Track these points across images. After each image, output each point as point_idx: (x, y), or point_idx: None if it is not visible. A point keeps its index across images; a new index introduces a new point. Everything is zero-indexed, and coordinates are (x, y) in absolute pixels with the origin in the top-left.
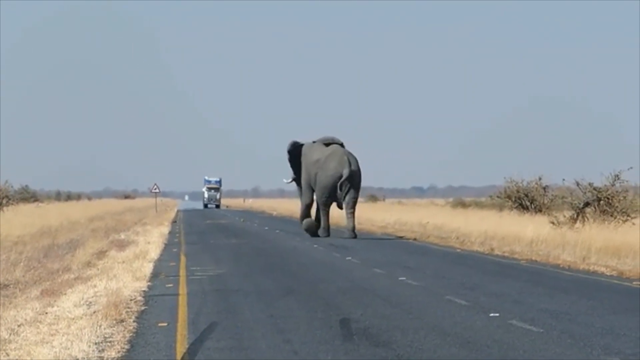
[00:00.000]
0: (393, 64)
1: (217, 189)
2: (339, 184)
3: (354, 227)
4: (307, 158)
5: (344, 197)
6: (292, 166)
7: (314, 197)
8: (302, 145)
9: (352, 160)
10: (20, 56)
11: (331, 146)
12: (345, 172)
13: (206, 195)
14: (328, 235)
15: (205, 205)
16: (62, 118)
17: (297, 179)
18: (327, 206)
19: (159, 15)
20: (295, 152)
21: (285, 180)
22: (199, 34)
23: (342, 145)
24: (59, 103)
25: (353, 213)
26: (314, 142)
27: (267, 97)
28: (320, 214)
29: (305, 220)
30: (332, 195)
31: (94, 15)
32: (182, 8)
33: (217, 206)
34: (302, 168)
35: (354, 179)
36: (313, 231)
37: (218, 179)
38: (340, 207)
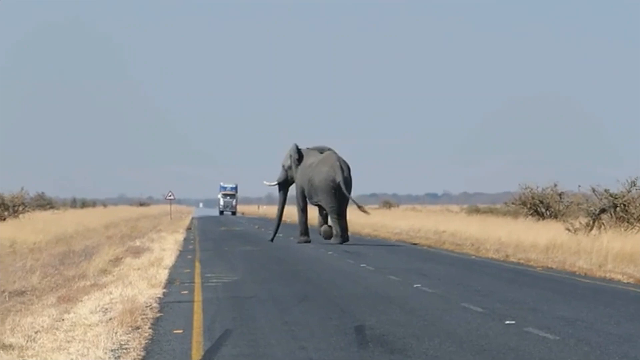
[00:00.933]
0: (408, 69)
1: (232, 196)
2: (332, 189)
3: (345, 229)
4: (303, 163)
5: (336, 202)
6: (289, 170)
7: (313, 202)
8: (299, 150)
9: (344, 166)
10: (31, 60)
11: (325, 152)
12: (339, 178)
13: (222, 202)
14: (343, 241)
15: (221, 212)
16: (78, 125)
17: (281, 183)
18: (333, 212)
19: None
20: (297, 156)
21: (266, 183)
22: (205, 38)
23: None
24: (74, 110)
25: (345, 218)
26: (308, 149)
27: (277, 104)
28: (329, 219)
29: (322, 229)
30: (331, 199)
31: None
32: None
33: (233, 213)
34: (298, 173)
35: (346, 185)
36: (328, 235)
37: (234, 185)
38: (341, 209)
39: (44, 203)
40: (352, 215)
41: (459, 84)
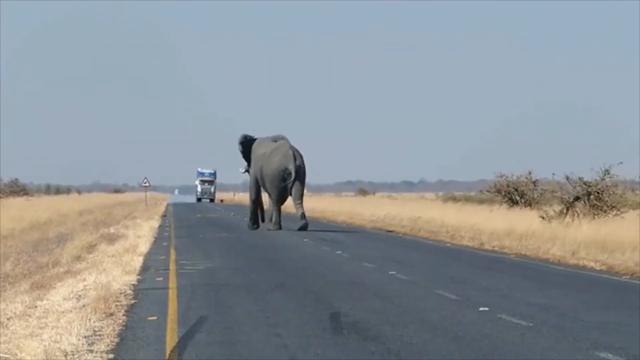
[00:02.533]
0: (382, 56)
1: (211, 182)
2: (284, 177)
3: (303, 214)
4: (255, 152)
5: (291, 190)
6: (245, 159)
7: (263, 192)
8: (254, 139)
9: (297, 155)
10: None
11: (278, 141)
12: (291, 167)
13: (199, 188)
14: (280, 228)
15: (199, 199)
16: (51, 111)
17: (249, 170)
18: (279, 202)
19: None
20: (246, 145)
21: (240, 170)
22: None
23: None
24: (47, 96)
25: (301, 203)
26: (262, 138)
27: (256, 90)
28: (272, 208)
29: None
30: (279, 188)
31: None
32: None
33: (212, 200)
34: (252, 163)
35: (299, 174)
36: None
37: (212, 171)
38: (284, 199)
39: (17, 189)
40: (326, 202)
41: (446, 78)
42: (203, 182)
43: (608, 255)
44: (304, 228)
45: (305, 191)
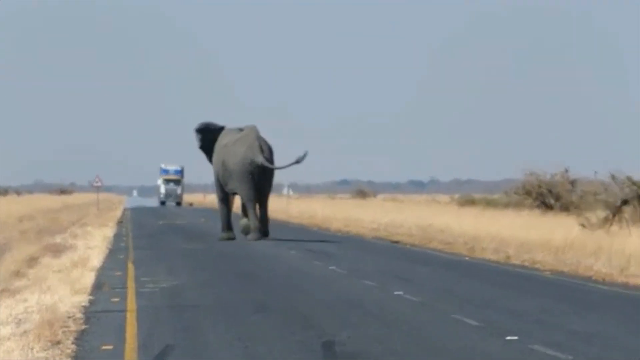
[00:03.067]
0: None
1: (177, 182)
2: (250, 171)
3: (266, 222)
4: (218, 143)
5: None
6: (204, 151)
7: (229, 189)
8: (220, 129)
9: (264, 146)
10: None
11: (244, 130)
12: (258, 159)
13: (163, 189)
14: (260, 235)
15: (162, 202)
16: None
17: None
18: (251, 201)
19: None
20: (207, 134)
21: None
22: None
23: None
24: None
25: (266, 207)
26: (228, 128)
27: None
28: (248, 211)
29: (241, 222)
30: (247, 184)
31: None
32: None
33: (178, 203)
34: (213, 156)
35: (265, 169)
36: (247, 230)
37: (179, 168)
38: (258, 197)
39: None
40: (317, 205)
41: (456, 60)
42: (167, 181)
43: None
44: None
45: (291, 192)
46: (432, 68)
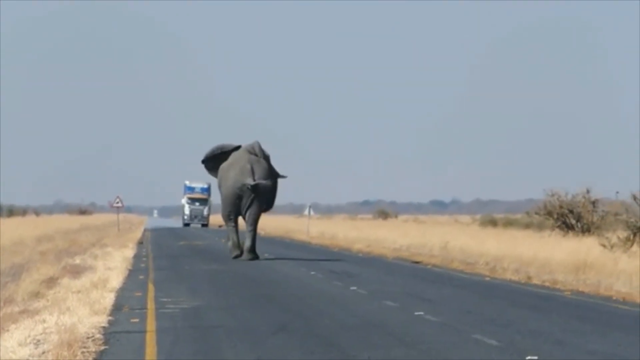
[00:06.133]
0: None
1: (204, 201)
2: (240, 196)
3: (253, 247)
4: (221, 166)
5: (245, 211)
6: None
7: (225, 212)
8: (228, 151)
9: (257, 169)
10: None
11: (239, 152)
12: (249, 181)
13: (188, 209)
14: (240, 255)
15: (187, 224)
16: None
17: None
18: (232, 221)
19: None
20: (214, 164)
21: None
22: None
23: (254, 153)
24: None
25: (254, 231)
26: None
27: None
28: (228, 230)
29: (228, 243)
30: (234, 209)
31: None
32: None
33: (205, 225)
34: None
35: (257, 191)
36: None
37: (206, 186)
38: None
39: None
40: (338, 226)
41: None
42: (193, 200)
43: None
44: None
45: (312, 213)
46: (453, 89)
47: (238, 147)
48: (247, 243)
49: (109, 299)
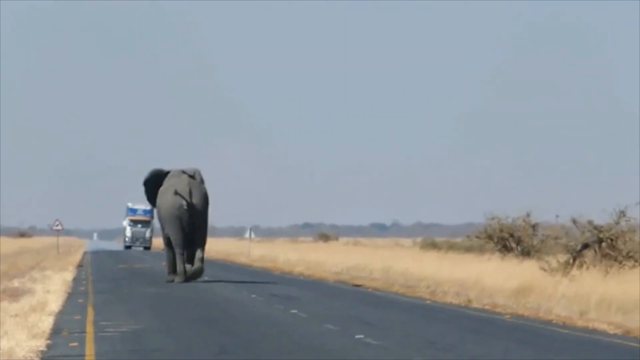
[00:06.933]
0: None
1: (146, 223)
2: (179, 217)
3: (201, 258)
4: (160, 188)
5: (191, 234)
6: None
7: (164, 234)
8: (165, 174)
9: (195, 192)
10: None
11: (180, 176)
12: (185, 204)
13: (129, 231)
14: (184, 279)
15: (128, 247)
16: None
17: None
18: (181, 247)
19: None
20: (151, 188)
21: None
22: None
23: (193, 176)
24: None
25: (197, 250)
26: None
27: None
28: (169, 255)
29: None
30: (177, 230)
31: None
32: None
33: (147, 248)
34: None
35: (194, 211)
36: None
37: (148, 208)
38: (187, 244)
39: None
40: (279, 249)
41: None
42: (135, 222)
43: (624, 316)
44: (196, 274)
45: (253, 236)
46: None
47: (167, 173)
48: (199, 255)
49: (47, 323)
